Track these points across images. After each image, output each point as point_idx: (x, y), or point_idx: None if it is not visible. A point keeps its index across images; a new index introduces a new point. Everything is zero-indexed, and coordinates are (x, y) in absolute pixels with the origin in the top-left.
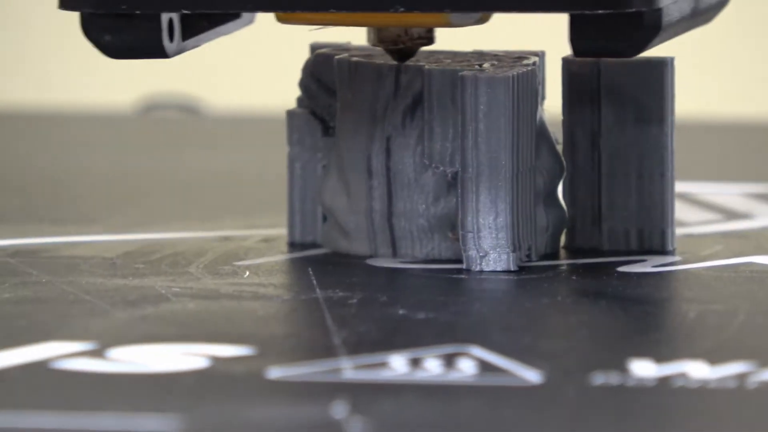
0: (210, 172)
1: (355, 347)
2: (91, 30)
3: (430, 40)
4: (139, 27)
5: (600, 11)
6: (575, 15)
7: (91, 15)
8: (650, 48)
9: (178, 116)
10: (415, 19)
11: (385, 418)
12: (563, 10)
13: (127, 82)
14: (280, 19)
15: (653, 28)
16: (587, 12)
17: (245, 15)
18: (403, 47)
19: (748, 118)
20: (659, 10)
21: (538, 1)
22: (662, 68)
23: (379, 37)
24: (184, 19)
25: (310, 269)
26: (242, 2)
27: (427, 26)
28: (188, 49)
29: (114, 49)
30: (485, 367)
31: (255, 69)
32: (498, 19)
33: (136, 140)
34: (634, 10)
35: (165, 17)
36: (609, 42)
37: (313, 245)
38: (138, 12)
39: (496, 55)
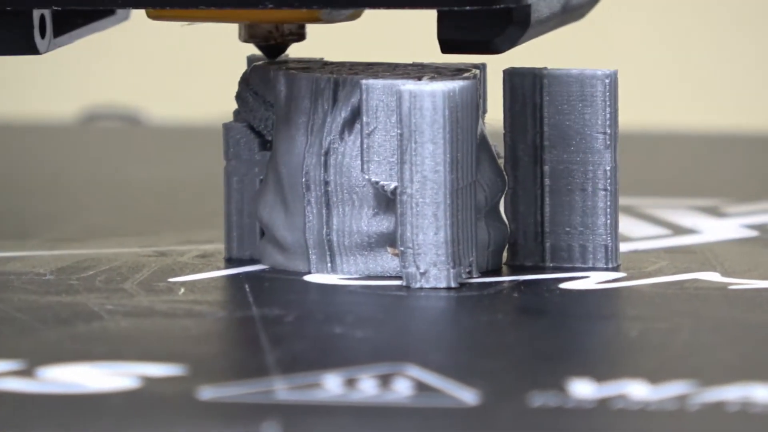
0: (149, 184)
1: (290, 366)
2: None
3: (301, 36)
4: (10, 24)
5: (467, 8)
6: (443, 11)
7: None
8: (520, 44)
9: (119, 126)
10: (286, 15)
11: None
12: (431, 7)
13: (68, 92)
14: (151, 16)
15: (522, 25)
16: (455, 9)
17: (120, 12)
18: (274, 44)
19: (693, 130)
20: (528, 7)
21: None
22: (605, 80)
23: (250, 33)
24: (56, 15)
25: (246, 286)
26: (113, 0)
27: (297, 22)
28: (60, 46)
29: None
30: (421, 387)
31: (196, 79)
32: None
33: (76, 151)
34: (502, 6)
35: (36, 14)
36: (478, 39)
37: (251, 261)
38: (8, 9)
39: (436, 68)
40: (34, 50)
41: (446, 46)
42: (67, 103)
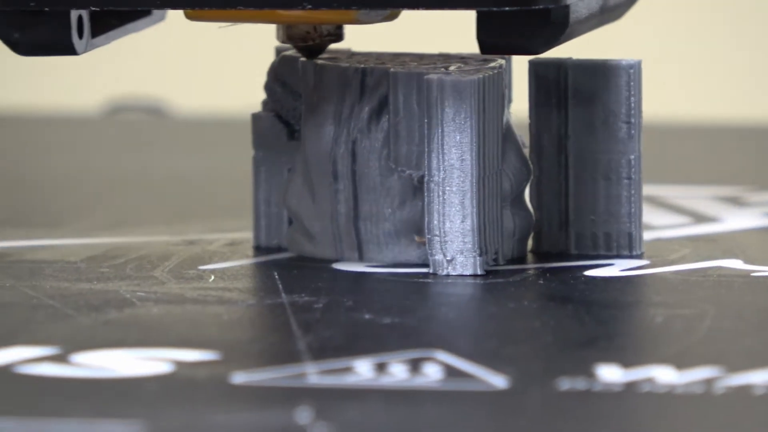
0: (175, 174)
1: (320, 352)
2: (0, 27)
3: (339, 37)
4: (48, 24)
5: (507, 8)
6: (482, 12)
7: None
8: (558, 45)
9: (144, 118)
10: (323, 16)
11: (349, 424)
12: (471, 7)
13: (93, 84)
14: (189, 17)
15: (561, 25)
16: (494, 9)
17: (156, 12)
18: (312, 44)
19: (716, 120)
20: (566, 7)
21: None
22: (629, 71)
23: (287, 34)
24: (93, 16)
25: (275, 273)
26: (151, 0)
27: (335, 23)
28: (98, 47)
29: (23, 47)
30: (451, 372)
31: (221, 71)
32: (464, 21)
33: (101, 142)
34: (541, 7)
35: (74, 14)
36: (516, 39)
37: (279, 249)
38: (47, 9)
39: (462, 58)
40: (71, 50)
41: (485, 47)
42: (91, 95)
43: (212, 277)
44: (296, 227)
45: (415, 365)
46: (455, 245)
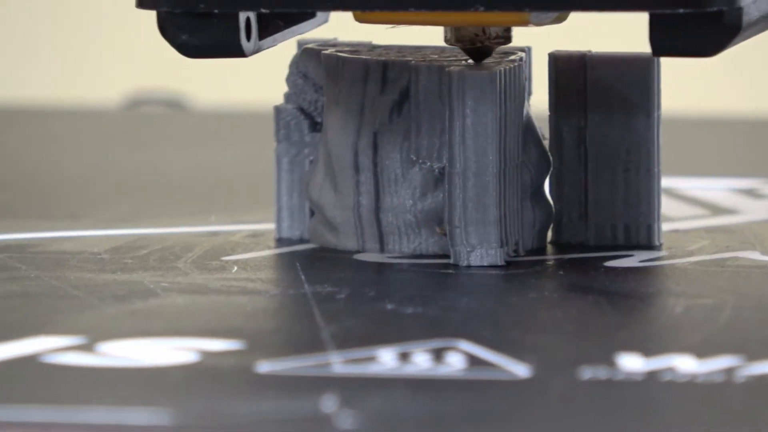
0: (197, 167)
1: (344, 341)
2: (168, 29)
3: (507, 40)
4: (217, 26)
5: (680, 10)
6: (655, 14)
7: (167, 14)
8: (731, 47)
9: (164, 111)
10: (494, 18)
11: (374, 412)
12: (644, 9)
13: (113, 78)
14: (358, 19)
15: (733, 28)
16: (667, 11)
17: (320, 14)
18: (480, 46)
19: (733, 113)
20: (739, 10)
21: (617, 0)
22: (648, 63)
23: (456, 36)
24: (260, 18)
25: (297, 264)
26: (321, 2)
27: (505, 25)
28: (264, 49)
29: (191, 49)
30: (473, 361)
31: (241, 64)
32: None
33: (122, 136)
34: (714, 9)
35: (242, 16)
36: (688, 42)
37: (301, 240)
38: (216, 11)
39: None
40: (240, 52)
41: (657, 50)
42: (112, 88)
43: (235, 268)
44: (318, 218)
45: (438, 354)
46: (476, 236)
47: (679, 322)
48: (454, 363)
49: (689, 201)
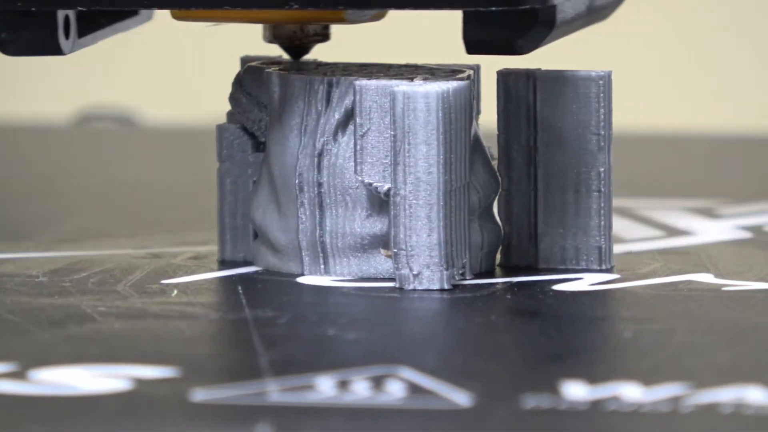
0: (143, 185)
1: (283, 368)
2: None
3: (325, 37)
4: (35, 24)
5: (493, 8)
6: (469, 11)
7: None
8: (544, 45)
9: (113, 127)
10: (311, 15)
11: None
12: (456, 7)
13: (62, 93)
14: (176, 17)
15: (547, 25)
16: (481, 9)
17: (143, 12)
18: (298, 44)
19: (689, 131)
20: (553, 7)
21: None
22: (599, 82)
23: (274, 33)
24: (80, 16)
25: (239, 287)
26: (138, 0)
27: (322, 22)
28: (84, 47)
29: (10, 47)
30: (414, 389)
31: (190, 80)
32: (433, 31)
33: (70, 152)
34: (527, 7)
35: (61, 14)
36: (503, 39)
37: (244, 263)
38: (33, 9)
39: (430, 69)
40: (58, 51)
41: (471, 47)
42: (61, 104)
43: (175, 292)
44: (262, 240)
45: (378, 382)
46: (422, 259)
47: (627, 348)
48: (394, 391)
49: (643, 221)
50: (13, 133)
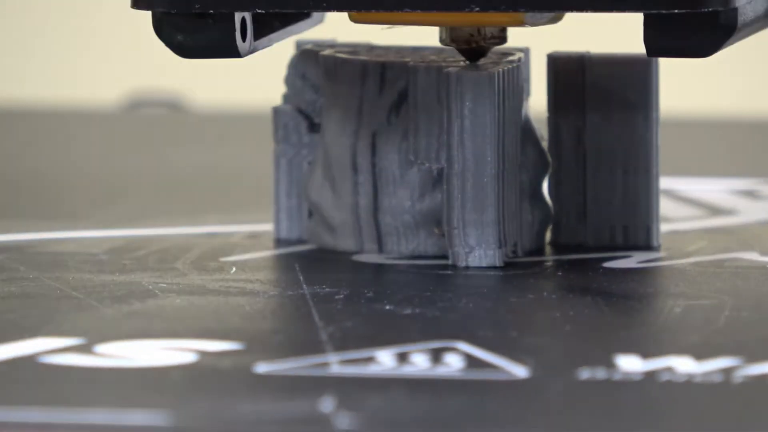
0: (196, 168)
1: (342, 342)
2: (164, 30)
3: (502, 40)
4: (212, 27)
5: (675, 11)
6: (650, 14)
7: (163, 14)
8: (725, 47)
9: (164, 113)
10: (490, 18)
11: (372, 413)
12: (639, 10)
13: (112, 79)
14: (353, 19)
15: (729, 28)
16: (663, 12)
17: (316, 14)
18: (475, 47)
19: (733, 114)
20: (735, 10)
21: (613, 0)
22: (647, 64)
23: (451, 36)
24: (256, 18)
25: (296, 265)
26: (317, 2)
27: (501, 25)
28: (260, 49)
29: (186, 49)
30: (472, 361)
31: (241, 65)
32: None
33: (121, 137)
34: (710, 9)
35: (238, 17)
36: (684, 42)
37: (299, 241)
38: (211, 12)
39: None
40: (235, 53)
41: (652, 50)
42: (111, 89)
43: (233, 269)
44: (317, 219)
45: (436, 355)
46: (474, 237)
47: (677, 323)
48: (453, 363)
49: (688, 202)
50: (66, 118)
